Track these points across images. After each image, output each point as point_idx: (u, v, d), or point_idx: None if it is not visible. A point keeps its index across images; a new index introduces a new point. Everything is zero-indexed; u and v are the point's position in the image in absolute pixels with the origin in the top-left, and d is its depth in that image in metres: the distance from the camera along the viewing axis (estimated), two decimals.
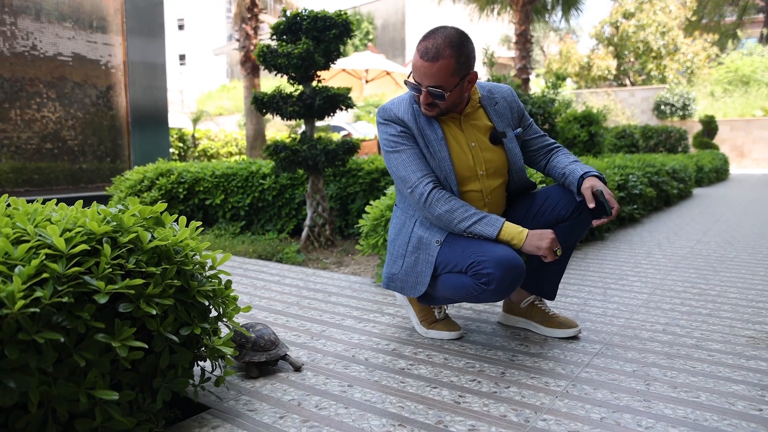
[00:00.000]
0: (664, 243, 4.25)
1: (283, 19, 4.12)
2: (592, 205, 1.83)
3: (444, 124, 1.94)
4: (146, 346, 1.30)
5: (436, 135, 1.90)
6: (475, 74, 1.86)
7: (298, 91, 4.17)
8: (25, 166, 6.33)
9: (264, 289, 2.92)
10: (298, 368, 1.83)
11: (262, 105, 4.17)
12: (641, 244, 4.19)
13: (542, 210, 2.03)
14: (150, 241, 1.45)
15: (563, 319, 2.13)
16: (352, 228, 4.71)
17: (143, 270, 1.37)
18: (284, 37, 4.19)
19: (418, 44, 1.82)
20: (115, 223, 1.40)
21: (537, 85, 20.59)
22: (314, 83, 4.23)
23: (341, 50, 4.24)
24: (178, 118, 20.27)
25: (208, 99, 33.93)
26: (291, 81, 4.21)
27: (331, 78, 12.93)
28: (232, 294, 1.66)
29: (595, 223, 1.88)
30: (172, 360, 1.45)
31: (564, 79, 7.29)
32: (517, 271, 1.73)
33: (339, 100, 4.20)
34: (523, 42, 12.35)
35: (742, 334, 2.17)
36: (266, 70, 4.22)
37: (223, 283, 1.63)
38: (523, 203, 2.09)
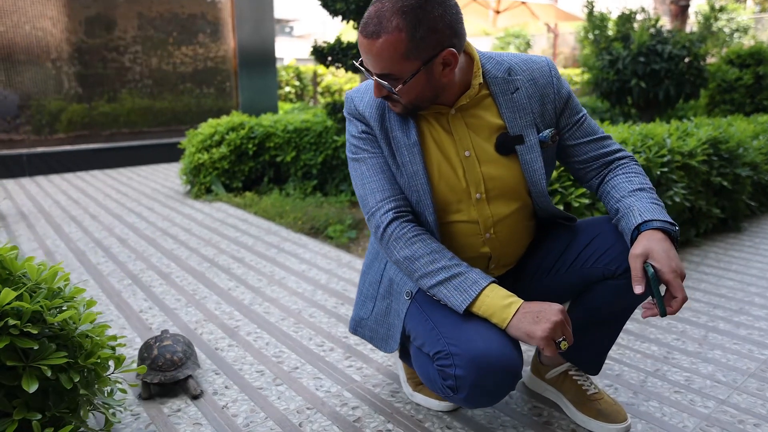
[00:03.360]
0: None
1: None
2: (638, 290, 1.12)
3: (425, 122, 1.30)
4: None
5: (408, 138, 1.29)
6: (452, 54, 1.16)
7: None
8: (138, 106, 6.49)
9: (277, 285, 2.54)
10: (194, 396, 1.63)
11: (323, 56, 3.67)
12: None
13: (584, 255, 1.35)
14: None
15: (606, 404, 1.47)
16: None
17: None
18: None
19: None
20: None
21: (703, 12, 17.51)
22: None
23: None
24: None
25: (351, 29, 33.78)
26: (356, 27, 3.64)
27: (462, 8, 12.05)
28: (99, 355, 1.26)
29: (644, 314, 1.16)
30: None
31: (721, 9, 5.79)
32: (504, 377, 1.12)
33: None
34: None
35: None
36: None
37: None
38: (559, 239, 1.43)
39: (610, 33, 5.83)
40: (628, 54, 5.36)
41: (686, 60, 5.18)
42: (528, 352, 1.88)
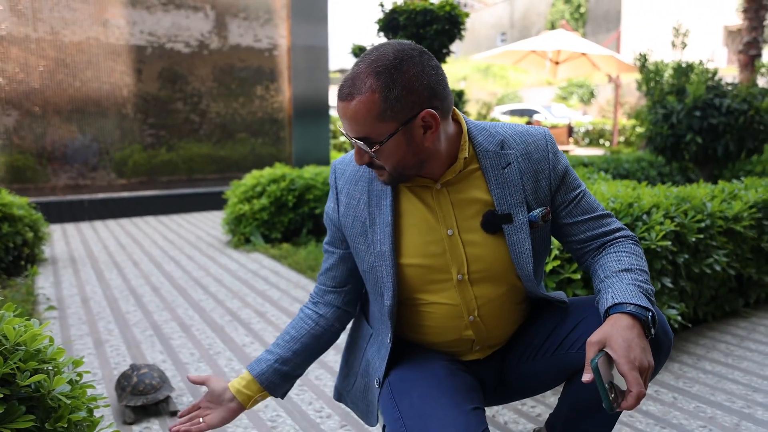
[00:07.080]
0: None
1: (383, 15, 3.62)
2: (585, 378, 1.03)
3: (406, 198, 1.26)
4: None
5: (383, 217, 1.25)
6: (431, 115, 1.10)
7: None
8: (196, 154, 6.80)
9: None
10: (173, 413, 1.87)
11: None
12: None
13: (569, 341, 1.26)
14: None
15: None
16: None
17: None
18: (384, 34, 3.69)
19: None
20: None
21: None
22: None
23: (449, 48, 3.59)
24: None
25: None
26: None
27: (520, 60, 12.16)
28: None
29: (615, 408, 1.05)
30: None
31: None
32: None
33: None
34: (756, 8, 9.90)
35: None
36: None
37: None
38: (548, 321, 1.34)
39: (665, 86, 5.65)
40: (682, 108, 5.17)
41: (748, 114, 4.92)
42: None
